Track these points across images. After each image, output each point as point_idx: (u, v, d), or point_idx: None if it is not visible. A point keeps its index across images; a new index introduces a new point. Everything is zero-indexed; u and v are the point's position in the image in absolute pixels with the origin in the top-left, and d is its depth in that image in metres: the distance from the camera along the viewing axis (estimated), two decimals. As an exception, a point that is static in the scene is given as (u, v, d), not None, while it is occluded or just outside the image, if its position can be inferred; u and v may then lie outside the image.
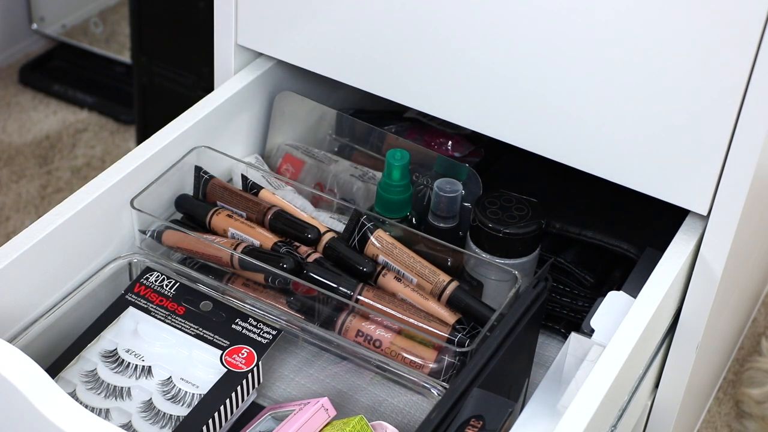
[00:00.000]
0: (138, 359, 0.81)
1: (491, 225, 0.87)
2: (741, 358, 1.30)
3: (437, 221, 0.91)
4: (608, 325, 0.81)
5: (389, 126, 1.04)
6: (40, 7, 1.77)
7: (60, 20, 1.80)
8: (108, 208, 0.86)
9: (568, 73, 0.83)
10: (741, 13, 0.74)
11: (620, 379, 0.75)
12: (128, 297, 0.85)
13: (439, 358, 0.80)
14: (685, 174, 0.82)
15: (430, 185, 0.93)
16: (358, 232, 0.86)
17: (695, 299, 0.86)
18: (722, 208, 0.81)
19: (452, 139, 1.03)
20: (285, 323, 0.83)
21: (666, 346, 0.90)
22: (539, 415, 0.80)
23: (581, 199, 0.97)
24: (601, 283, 0.94)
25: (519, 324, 0.79)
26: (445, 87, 0.89)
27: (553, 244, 0.95)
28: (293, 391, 0.87)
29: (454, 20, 0.85)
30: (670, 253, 0.84)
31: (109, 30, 1.80)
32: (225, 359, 0.80)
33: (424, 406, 0.84)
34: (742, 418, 1.23)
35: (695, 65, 0.77)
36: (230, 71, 0.99)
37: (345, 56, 0.93)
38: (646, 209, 0.91)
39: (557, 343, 0.95)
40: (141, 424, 0.78)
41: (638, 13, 0.78)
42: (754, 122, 0.77)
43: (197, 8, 1.46)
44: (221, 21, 0.97)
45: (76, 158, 1.57)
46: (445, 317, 0.82)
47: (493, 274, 0.88)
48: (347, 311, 0.83)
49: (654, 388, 0.93)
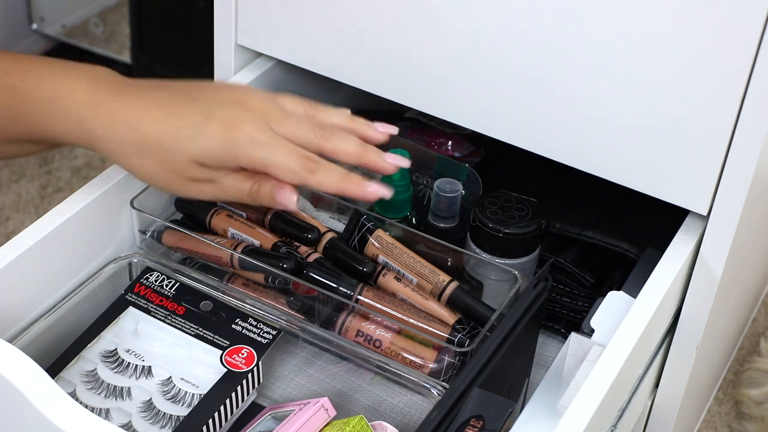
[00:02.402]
0: (138, 359, 0.81)
1: (491, 225, 0.87)
2: (741, 359, 1.30)
3: (437, 221, 0.91)
4: (608, 325, 0.81)
5: (389, 126, 1.04)
6: (40, 7, 1.77)
7: (60, 20, 1.80)
8: (108, 208, 0.86)
9: (568, 73, 0.83)
10: (741, 12, 0.74)
11: (620, 379, 0.75)
12: (128, 297, 0.85)
13: (439, 358, 0.80)
14: (685, 174, 0.82)
15: (430, 185, 0.93)
16: (358, 232, 0.86)
17: (695, 299, 0.86)
18: (722, 208, 0.81)
19: (452, 139, 1.03)
20: (285, 323, 0.83)
21: (666, 346, 0.90)
22: (539, 415, 0.80)
23: (581, 199, 0.97)
24: (601, 283, 0.94)
25: (519, 324, 0.79)
26: (445, 87, 0.89)
27: (553, 244, 0.95)
28: (293, 391, 0.87)
29: (454, 20, 0.85)
30: (670, 253, 0.84)
31: (109, 30, 1.80)
32: (225, 359, 0.80)
33: (424, 406, 0.84)
34: (741, 418, 1.23)
35: (695, 65, 0.77)
36: (230, 71, 0.99)
37: (345, 56, 0.93)
38: (646, 209, 0.91)
39: (557, 343, 0.95)
40: (141, 424, 0.78)
41: (638, 14, 0.78)
42: (754, 122, 0.77)
43: (197, 8, 1.46)
44: (221, 21, 0.97)
45: (76, 158, 1.57)
46: (445, 317, 0.82)
47: (493, 274, 0.88)
48: (347, 311, 0.83)
49: (654, 388, 0.93)
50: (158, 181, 0.78)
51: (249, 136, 0.75)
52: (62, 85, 0.79)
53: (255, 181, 0.77)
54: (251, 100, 0.78)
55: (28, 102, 0.79)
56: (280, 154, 0.75)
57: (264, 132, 0.76)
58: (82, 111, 0.77)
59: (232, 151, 0.75)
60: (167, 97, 0.78)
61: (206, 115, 0.76)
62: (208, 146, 0.75)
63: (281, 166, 0.75)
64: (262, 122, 0.76)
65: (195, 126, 0.75)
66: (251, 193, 0.77)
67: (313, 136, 0.77)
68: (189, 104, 0.77)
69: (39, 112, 0.79)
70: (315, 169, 0.76)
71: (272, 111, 0.78)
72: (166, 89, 0.79)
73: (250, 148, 0.75)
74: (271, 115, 0.77)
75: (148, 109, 0.77)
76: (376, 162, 0.79)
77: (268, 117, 0.77)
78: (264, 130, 0.76)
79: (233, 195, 0.78)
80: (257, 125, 0.76)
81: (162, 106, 0.77)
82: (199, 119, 0.76)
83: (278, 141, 0.76)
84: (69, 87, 0.79)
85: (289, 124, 0.77)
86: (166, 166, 0.76)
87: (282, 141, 0.76)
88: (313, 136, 0.77)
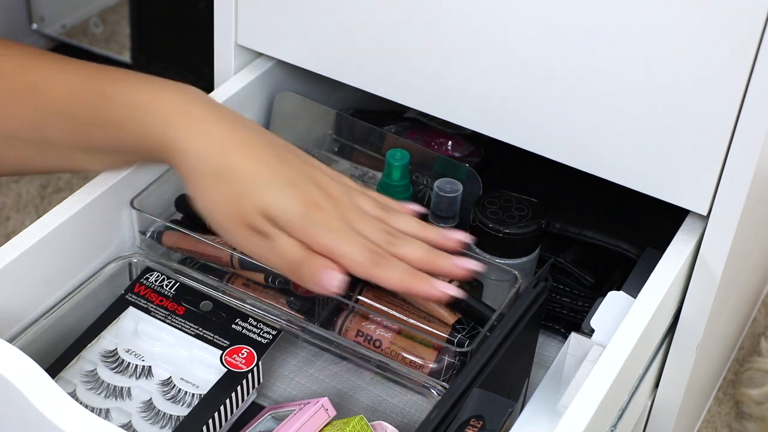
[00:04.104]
0: (138, 359, 0.81)
1: (491, 225, 0.87)
2: (741, 359, 1.30)
3: (437, 221, 0.91)
4: (608, 325, 0.81)
5: (389, 126, 1.04)
6: (40, 7, 1.77)
7: (60, 20, 1.80)
8: (108, 208, 0.86)
9: (568, 74, 0.83)
10: (741, 12, 0.74)
11: (620, 379, 0.75)
12: (128, 297, 0.85)
13: (439, 358, 0.80)
14: (685, 174, 0.82)
15: (430, 185, 0.93)
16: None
17: (695, 299, 0.86)
18: (722, 208, 0.82)
19: (452, 139, 1.03)
20: (285, 323, 0.83)
21: (666, 346, 0.90)
22: (539, 415, 0.80)
23: (581, 199, 0.97)
24: (601, 283, 0.94)
25: (519, 324, 0.79)
26: (445, 87, 0.89)
27: (553, 244, 0.95)
28: (293, 391, 0.87)
29: (454, 20, 0.85)
30: (670, 253, 0.84)
31: (109, 30, 1.80)
32: (225, 359, 0.80)
33: (424, 406, 0.84)
34: (741, 418, 1.23)
35: (695, 65, 0.77)
36: (230, 71, 0.99)
37: (345, 56, 0.93)
38: (646, 209, 0.91)
39: (557, 343, 0.95)
40: (141, 424, 0.78)
41: (638, 14, 0.78)
42: (754, 122, 0.77)
43: (197, 8, 1.46)
44: (221, 21, 0.97)
45: (76, 158, 1.57)
46: (445, 317, 0.82)
47: (493, 274, 0.88)
48: (347, 311, 0.83)
49: (654, 388, 0.93)
50: (218, 213, 0.75)
51: (324, 218, 0.74)
52: (155, 92, 0.77)
53: (308, 252, 0.75)
54: (332, 189, 0.77)
55: (116, 106, 0.77)
56: (348, 244, 0.74)
57: (338, 220, 0.75)
58: (170, 120, 0.76)
59: (305, 225, 0.74)
60: (259, 143, 0.76)
61: (291, 181, 0.75)
62: (287, 206, 0.74)
63: (347, 255, 0.74)
64: (338, 211, 0.76)
65: (279, 183, 0.74)
66: (299, 262, 0.74)
67: (382, 240, 0.76)
68: (277, 161, 0.76)
69: (124, 116, 0.77)
70: (381, 264, 0.74)
71: (347, 205, 0.77)
72: (258, 133, 0.78)
73: (322, 230, 0.74)
74: (346, 208, 0.77)
75: (240, 144, 0.75)
76: (444, 267, 0.76)
77: (343, 208, 0.76)
78: (338, 219, 0.75)
79: (280, 257, 0.75)
80: (333, 213, 0.75)
81: (252, 149, 0.76)
82: (285, 180, 0.75)
83: (349, 232, 0.75)
84: (161, 95, 0.77)
85: (361, 222, 0.76)
86: (234, 201, 0.74)
87: (352, 232, 0.75)
88: (382, 241, 0.76)
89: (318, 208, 0.75)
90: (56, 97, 0.78)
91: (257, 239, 0.75)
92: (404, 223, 0.79)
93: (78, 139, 0.79)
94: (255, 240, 0.75)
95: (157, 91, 0.77)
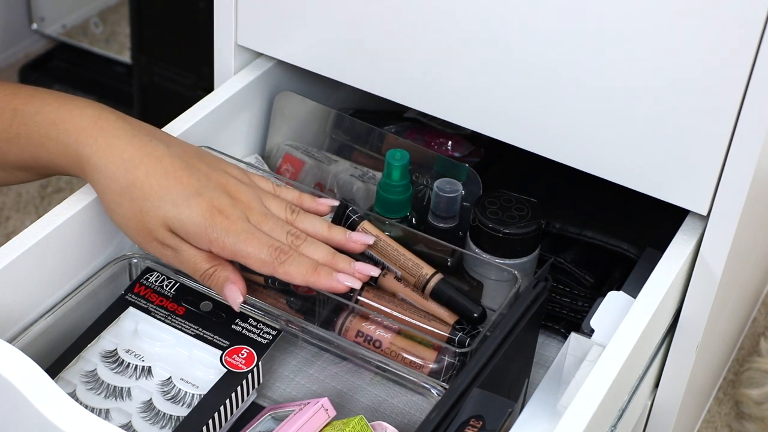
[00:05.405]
0: (138, 359, 0.81)
1: (491, 225, 0.87)
2: (741, 359, 1.30)
3: (437, 221, 0.91)
4: (608, 325, 0.81)
5: (389, 126, 1.04)
6: (40, 7, 1.78)
7: (60, 20, 1.80)
8: (108, 208, 0.86)
9: (568, 74, 0.83)
10: (741, 13, 0.74)
11: (620, 379, 0.75)
12: (128, 297, 0.85)
13: (439, 358, 0.80)
14: (685, 174, 0.82)
15: (430, 185, 0.93)
16: (344, 223, 0.86)
17: (695, 299, 0.86)
18: (722, 208, 0.82)
19: (452, 139, 1.03)
20: (285, 323, 0.83)
21: (666, 346, 0.90)
22: (539, 415, 0.80)
23: (581, 199, 0.97)
24: (601, 283, 0.94)
25: (519, 324, 0.79)
26: (445, 87, 0.89)
27: (553, 244, 0.95)
28: (293, 391, 0.87)
29: (454, 20, 0.85)
30: (670, 253, 0.84)
31: (109, 30, 1.80)
32: (225, 359, 0.80)
33: (424, 406, 0.84)
34: (741, 418, 1.23)
35: (695, 65, 0.77)
36: (230, 71, 0.99)
37: (345, 56, 0.93)
38: (646, 209, 0.91)
39: (557, 343, 0.95)
40: (141, 424, 0.78)
41: (638, 14, 0.78)
42: (754, 122, 0.77)
43: (197, 8, 1.46)
44: (221, 21, 0.98)
45: (76, 158, 1.57)
46: (445, 317, 0.82)
47: (493, 274, 0.88)
48: (347, 311, 0.83)
49: (654, 388, 0.93)
50: (127, 228, 0.80)
51: (226, 224, 0.77)
52: (66, 110, 0.80)
53: (213, 265, 0.79)
54: (241, 194, 0.80)
55: (28, 124, 0.80)
56: (251, 245, 0.77)
57: (243, 223, 0.78)
58: (81, 137, 0.79)
59: (207, 233, 0.77)
60: (167, 155, 0.79)
61: (197, 191, 0.78)
62: (186, 219, 0.77)
63: (251, 255, 0.77)
64: (243, 215, 0.79)
65: (183, 195, 0.78)
66: (204, 275, 0.79)
67: (286, 242, 0.79)
68: (185, 172, 0.79)
69: (37, 134, 0.80)
70: (284, 260, 0.77)
71: (255, 209, 0.80)
72: (168, 145, 0.81)
73: (223, 235, 0.77)
74: (253, 212, 0.80)
75: (147, 159, 0.78)
76: (344, 270, 0.79)
77: (250, 212, 0.79)
78: (242, 221, 0.78)
79: (188, 269, 0.80)
80: (238, 217, 0.78)
81: (160, 162, 0.79)
82: (190, 192, 0.78)
83: (252, 232, 0.78)
84: (73, 113, 0.80)
85: (266, 225, 0.79)
86: (140, 217, 0.78)
87: (256, 232, 0.78)
88: (284, 242, 0.79)
89: (223, 216, 0.78)
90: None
91: (167, 251, 0.79)
92: (311, 224, 0.82)
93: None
94: (166, 251, 0.79)
95: (70, 108, 0.80)
